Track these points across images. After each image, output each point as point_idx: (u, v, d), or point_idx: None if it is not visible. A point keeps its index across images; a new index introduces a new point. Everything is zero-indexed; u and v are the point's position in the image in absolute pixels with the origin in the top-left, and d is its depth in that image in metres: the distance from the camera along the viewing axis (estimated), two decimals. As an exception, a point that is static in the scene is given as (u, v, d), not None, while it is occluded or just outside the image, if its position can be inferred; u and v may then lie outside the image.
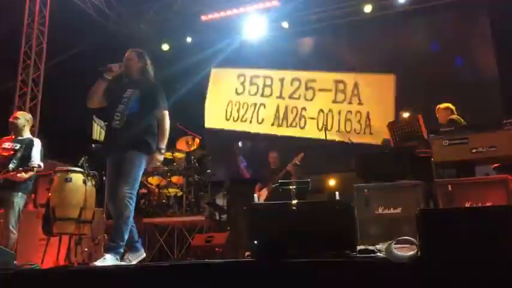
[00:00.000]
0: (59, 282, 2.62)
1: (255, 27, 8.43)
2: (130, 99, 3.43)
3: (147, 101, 3.45)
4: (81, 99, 3.63)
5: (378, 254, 2.42)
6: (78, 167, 4.47)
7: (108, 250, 3.18)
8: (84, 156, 4.54)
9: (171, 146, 6.92)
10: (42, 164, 4.49)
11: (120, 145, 3.33)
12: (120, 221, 3.21)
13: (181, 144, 7.00)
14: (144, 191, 6.46)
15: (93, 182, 4.52)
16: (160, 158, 3.49)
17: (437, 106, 5.54)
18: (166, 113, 3.51)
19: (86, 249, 4.58)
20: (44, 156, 4.59)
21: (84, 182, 4.40)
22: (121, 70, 3.53)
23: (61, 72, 7.12)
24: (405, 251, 2.11)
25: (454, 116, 5.32)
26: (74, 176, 4.38)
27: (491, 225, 1.89)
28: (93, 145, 5.41)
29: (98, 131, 5.42)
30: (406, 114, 6.09)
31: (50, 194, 4.37)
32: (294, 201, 2.60)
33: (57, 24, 7.06)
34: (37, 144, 4.55)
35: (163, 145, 3.47)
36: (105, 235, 4.98)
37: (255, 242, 2.44)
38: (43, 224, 4.36)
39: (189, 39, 9.22)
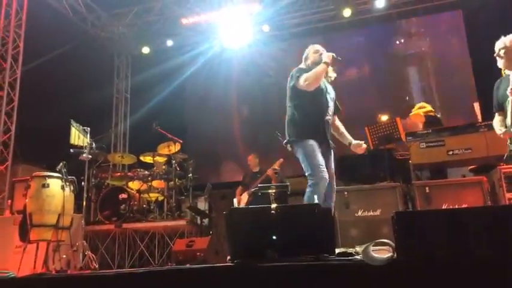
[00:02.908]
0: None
1: (236, 30, 8.40)
2: (334, 101, 3.81)
3: (335, 106, 3.86)
4: (59, 102, 3.57)
5: (356, 256, 2.45)
6: (56, 172, 4.39)
7: None
8: (62, 162, 4.46)
9: (152, 151, 6.87)
10: None
11: (328, 137, 3.76)
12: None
13: (162, 148, 6.95)
14: (124, 196, 6.38)
15: (72, 188, 4.43)
16: None
17: (409, 116, 5.65)
18: None
19: (64, 256, 4.48)
20: (21, 162, 4.49)
21: (62, 187, 4.30)
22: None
23: (39, 76, 7.00)
24: (383, 253, 2.14)
25: (429, 111, 5.39)
26: (51, 181, 4.28)
27: (465, 226, 1.93)
28: (71, 150, 5.30)
29: (76, 135, 5.30)
30: (384, 117, 6.18)
31: (26, 200, 4.25)
32: (273, 205, 2.60)
33: (35, 28, 6.92)
34: None
35: None
36: (84, 241, 4.90)
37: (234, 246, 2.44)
38: (20, 231, 4.26)
39: (169, 43, 9.16)
